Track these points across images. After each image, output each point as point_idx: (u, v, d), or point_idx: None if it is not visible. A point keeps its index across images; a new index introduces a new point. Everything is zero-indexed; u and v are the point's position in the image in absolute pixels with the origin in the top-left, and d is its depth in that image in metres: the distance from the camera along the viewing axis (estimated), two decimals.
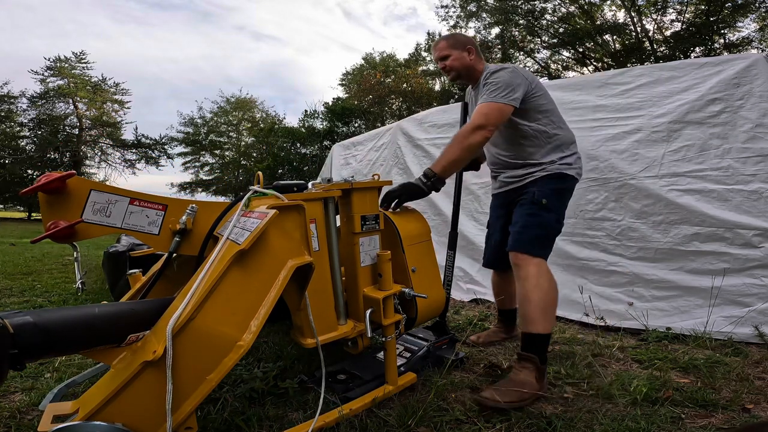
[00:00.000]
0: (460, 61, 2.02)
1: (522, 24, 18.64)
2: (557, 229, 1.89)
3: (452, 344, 2.10)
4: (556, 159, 1.93)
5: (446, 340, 2.07)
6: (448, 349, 2.05)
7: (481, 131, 1.77)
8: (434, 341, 2.03)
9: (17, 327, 0.92)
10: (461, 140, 1.78)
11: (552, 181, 1.91)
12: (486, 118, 1.77)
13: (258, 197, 1.39)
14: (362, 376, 1.79)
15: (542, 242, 1.84)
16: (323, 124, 20.99)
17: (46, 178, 1.29)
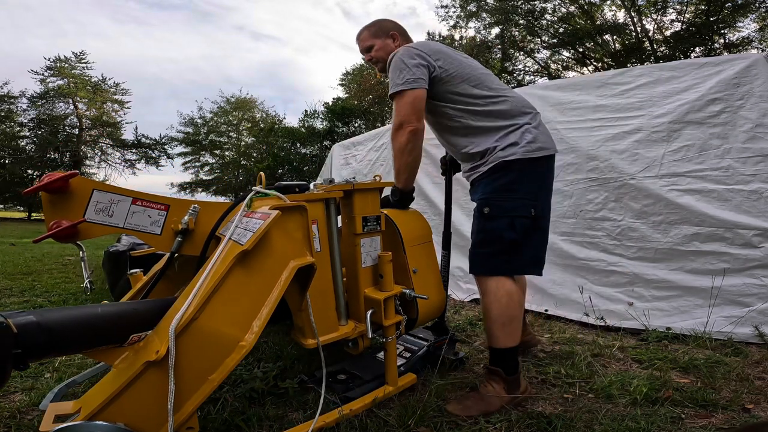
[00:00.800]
0: (384, 50, 1.84)
1: (522, 24, 18.64)
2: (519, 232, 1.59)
3: (452, 344, 2.11)
4: (493, 144, 1.63)
5: (446, 340, 2.08)
6: (448, 349, 2.06)
7: (401, 130, 1.61)
8: (434, 341, 2.03)
9: (20, 327, 0.92)
10: (393, 145, 1.66)
11: (492, 180, 1.63)
12: (398, 115, 1.61)
13: (260, 198, 1.39)
14: (362, 376, 1.79)
15: (495, 258, 1.62)
16: (323, 124, 21.00)
17: (49, 177, 1.29)
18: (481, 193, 1.65)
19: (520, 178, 1.61)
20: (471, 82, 1.67)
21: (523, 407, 1.61)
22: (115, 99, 27.01)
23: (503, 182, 1.61)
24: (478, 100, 1.66)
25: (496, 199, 1.61)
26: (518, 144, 1.61)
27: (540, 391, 1.77)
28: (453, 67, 1.67)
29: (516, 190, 1.60)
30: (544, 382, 1.86)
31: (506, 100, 1.68)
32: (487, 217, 1.61)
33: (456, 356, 2.01)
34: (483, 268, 1.64)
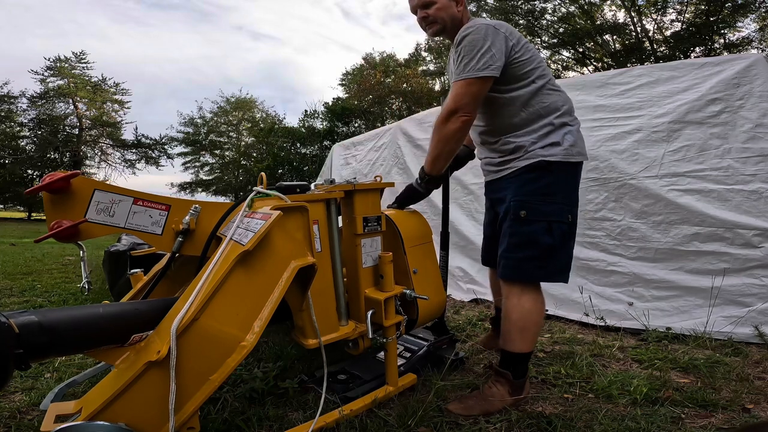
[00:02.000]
0: (446, 11, 1.66)
1: (522, 24, 18.63)
2: (556, 237, 1.54)
3: (452, 344, 2.11)
4: (537, 137, 1.56)
5: (446, 340, 2.08)
6: (448, 349, 2.06)
7: (455, 116, 1.53)
8: (434, 341, 2.03)
9: (22, 327, 0.93)
10: (437, 131, 1.58)
11: (528, 181, 1.56)
12: (457, 100, 1.52)
13: (261, 198, 1.39)
14: (362, 376, 1.80)
15: (529, 263, 1.55)
16: (323, 124, 21.00)
17: (51, 177, 1.30)
18: (516, 194, 1.57)
19: (557, 181, 1.55)
20: (537, 71, 1.59)
21: (523, 407, 1.61)
22: (115, 99, 27.01)
23: (541, 184, 1.54)
24: (535, 91, 1.58)
25: (534, 202, 1.54)
26: (560, 145, 1.55)
27: (540, 391, 1.77)
28: (527, 54, 1.57)
29: (554, 193, 1.55)
30: (544, 382, 1.86)
31: (559, 96, 1.63)
32: (524, 221, 1.54)
33: (456, 356, 2.02)
34: (515, 273, 1.57)
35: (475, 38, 1.50)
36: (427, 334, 2.14)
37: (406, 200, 1.84)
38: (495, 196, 1.75)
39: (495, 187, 1.74)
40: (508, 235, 1.59)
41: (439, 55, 23.13)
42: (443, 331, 2.13)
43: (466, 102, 1.51)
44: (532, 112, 1.58)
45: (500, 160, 1.67)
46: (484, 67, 1.49)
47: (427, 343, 2.01)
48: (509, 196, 1.60)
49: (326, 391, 1.57)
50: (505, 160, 1.64)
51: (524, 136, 1.58)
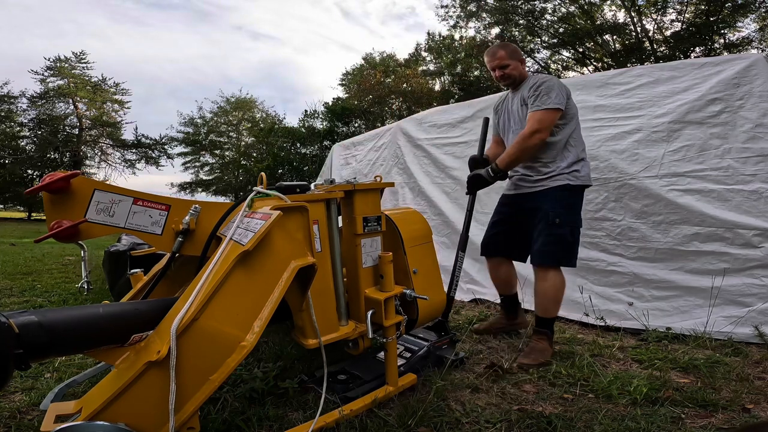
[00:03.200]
0: (517, 71, 2.30)
1: (522, 24, 18.62)
2: (575, 238, 2.18)
3: (452, 344, 2.12)
4: (566, 165, 2.16)
5: (446, 340, 2.09)
6: (449, 349, 2.06)
7: (537, 135, 2.09)
8: (434, 341, 2.04)
9: (22, 327, 0.93)
10: (521, 142, 2.12)
11: (562, 198, 2.16)
12: (540, 123, 2.09)
13: (261, 198, 1.39)
14: (363, 376, 1.80)
15: (560, 255, 2.15)
16: (323, 124, 20.99)
17: (51, 177, 1.30)
18: (551, 209, 2.14)
19: (577, 199, 2.22)
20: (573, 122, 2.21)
21: (523, 407, 1.61)
22: (115, 99, 26.97)
23: (569, 201, 2.17)
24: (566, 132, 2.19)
25: (563, 213, 2.14)
26: (580, 173, 2.18)
27: (540, 391, 1.77)
28: (574, 108, 2.23)
29: (573, 209, 2.18)
30: (545, 382, 1.86)
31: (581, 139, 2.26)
32: (558, 225, 2.13)
33: (456, 356, 2.02)
34: (553, 261, 2.15)
35: (552, 84, 2.15)
36: (428, 334, 2.14)
37: (474, 186, 2.36)
38: (528, 205, 2.27)
39: (525, 201, 2.29)
40: (544, 235, 2.15)
41: (439, 55, 23.12)
42: (445, 331, 2.14)
43: (545, 125, 2.10)
44: (567, 145, 2.19)
45: (536, 178, 2.23)
46: (559, 102, 2.10)
47: (428, 343, 2.01)
48: (546, 209, 2.16)
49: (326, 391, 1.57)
50: (540, 178, 2.21)
51: (559, 162, 2.18)
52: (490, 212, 3.64)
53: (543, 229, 2.15)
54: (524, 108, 2.23)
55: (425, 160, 4.34)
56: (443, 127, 4.20)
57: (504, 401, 1.68)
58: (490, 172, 2.25)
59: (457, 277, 2.34)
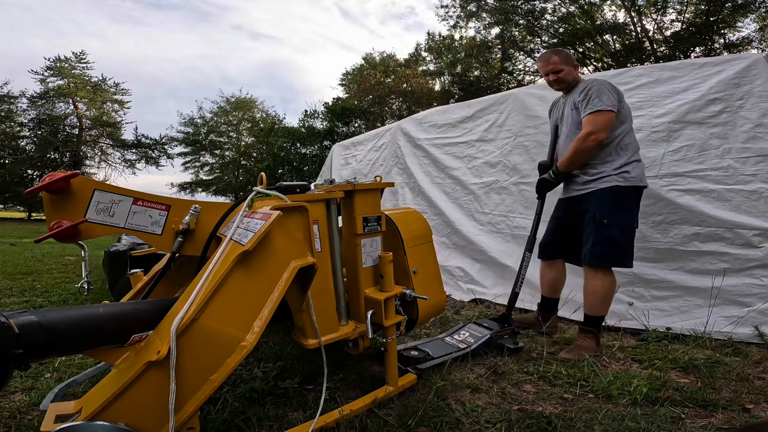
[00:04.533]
0: (571, 75, 2.37)
1: (522, 24, 18.61)
2: (627, 238, 2.19)
3: (513, 335, 2.29)
4: (616, 167, 2.18)
5: (508, 330, 2.28)
6: (509, 339, 2.24)
7: (592, 136, 2.14)
8: (497, 330, 2.23)
9: (22, 327, 0.92)
10: (576, 145, 2.20)
11: (611, 199, 2.17)
12: (594, 124, 2.14)
13: (261, 198, 1.39)
14: (432, 354, 2.03)
15: (610, 256, 2.17)
16: (323, 124, 20.98)
17: (51, 177, 1.30)
18: (598, 210, 2.18)
19: (628, 200, 2.20)
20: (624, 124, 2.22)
21: (524, 407, 1.61)
22: (115, 99, 26.96)
23: (619, 202, 2.17)
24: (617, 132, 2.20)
25: (611, 214, 2.15)
26: (633, 175, 2.18)
27: (540, 391, 1.77)
28: (625, 106, 2.25)
29: (623, 209, 2.18)
30: (544, 382, 1.86)
31: (634, 140, 2.25)
32: (606, 226, 2.15)
33: (515, 345, 2.20)
34: (602, 261, 2.17)
35: (602, 86, 2.18)
36: (492, 324, 2.33)
37: (541, 190, 2.48)
38: (578, 208, 2.31)
39: (575, 205, 2.33)
40: (593, 235, 2.19)
41: (439, 55, 23.12)
42: (507, 323, 2.35)
43: (599, 127, 2.13)
44: (618, 147, 2.20)
45: (586, 180, 2.27)
46: (610, 104, 2.13)
47: (491, 332, 2.22)
48: (594, 211, 2.19)
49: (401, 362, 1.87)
50: (588, 180, 2.25)
51: (609, 164, 2.19)
52: (490, 212, 3.69)
53: (592, 230, 2.19)
54: (575, 112, 2.27)
55: (425, 160, 4.34)
56: (443, 127, 4.20)
57: (504, 401, 1.68)
58: (551, 175, 2.38)
59: (522, 275, 2.48)
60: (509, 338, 2.25)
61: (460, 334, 2.28)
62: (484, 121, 3.79)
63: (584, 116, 2.18)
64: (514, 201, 3.46)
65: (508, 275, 3.35)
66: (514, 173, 3.47)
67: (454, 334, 2.29)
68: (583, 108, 2.20)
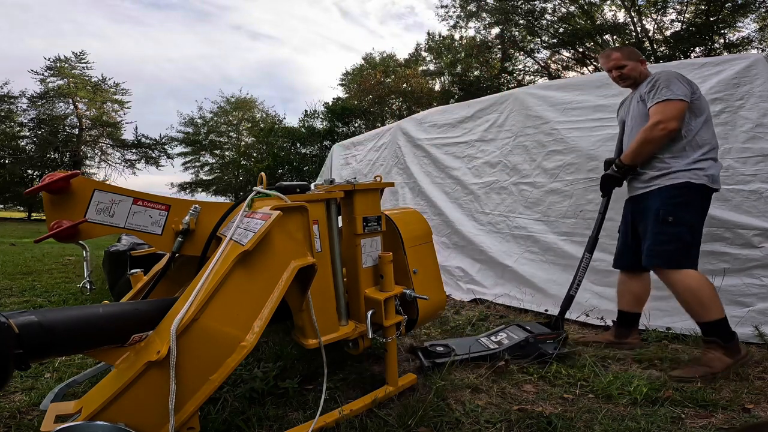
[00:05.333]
0: (636, 71, 2.23)
1: (522, 24, 18.61)
2: (694, 239, 2.00)
3: (561, 341, 2.13)
4: (688, 163, 1.99)
5: (554, 335, 2.13)
6: (551, 345, 2.09)
7: (660, 125, 1.96)
8: (537, 334, 2.12)
9: (22, 327, 0.92)
10: (642, 134, 2.03)
11: (678, 195, 1.99)
12: (662, 113, 1.97)
13: (261, 198, 1.39)
14: (457, 350, 2.04)
15: (675, 255, 1.97)
16: (323, 124, 20.98)
17: (51, 177, 1.30)
18: (663, 207, 2.00)
19: (697, 198, 2.01)
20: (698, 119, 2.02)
21: (524, 407, 1.61)
22: (115, 99, 26.95)
23: (686, 199, 1.99)
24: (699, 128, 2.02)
25: (677, 211, 1.97)
26: (708, 173, 1.99)
27: (540, 391, 1.77)
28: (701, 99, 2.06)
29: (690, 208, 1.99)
30: (544, 382, 1.86)
31: (710, 136, 2.04)
32: (671, 224, 1.97)
33: (556, 351, 2.05)
34: (661, 261, 2.00)
35: (671, 76, 2.01)
36: (536, 327, 2.23)
37: (605, 187, 2.31)
38: (641, 206, 2.13)
39: (640, 202, 2.14)
40: (654, 233, 2.01)
41: (439, 55, 23.12)
42: (557, 327, 2.21)
43: (668, 116, 1.96)
44: (692, 142, 2.01)
45: (652, 176, 2.08)
46: (681, 93, 1.96)
47: (527, 335, 2.11)
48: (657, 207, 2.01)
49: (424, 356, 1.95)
50: (654, 177, 2.06)
51: (680, 160, 2.01)
52: (489, 212, 3.69)
53: (653, 227, 2.01)
54: (641, 104, 2.12)
55: (425, 160, 4.34)
56: (443, 127, 4.20)
57: (504, 401, 1.68)
58: (614, 168, 2.20)
59: (580, 276, 2.32)
60: (551, 344, 2.10)
61: (498, 335, 2.21)
62: (484, 121, 3.79)
63: (651, 106, 2.02)
64: (514, 201, 3.46)
65: (508, 275, 3.35)
66: (514, 173, 3.47)
67: (492, 335, 2.23)
68: (650, 99, 2.04)
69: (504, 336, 2.17)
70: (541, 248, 3.20)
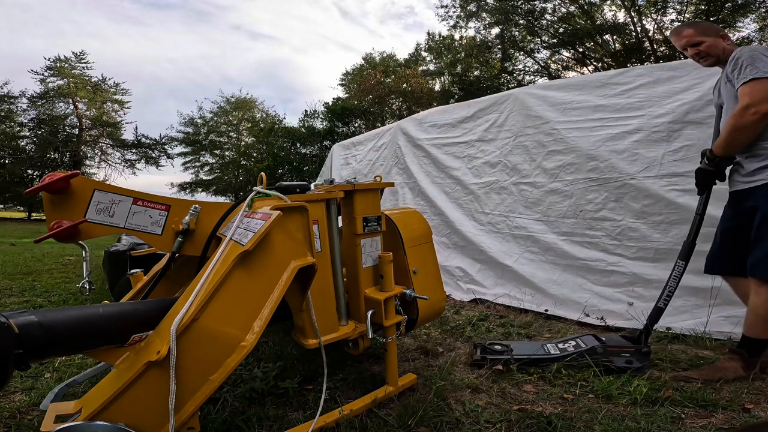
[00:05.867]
0: (716, 47, 2.00)
1: (522, 24, 18.62)
2: None
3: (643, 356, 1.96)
4: None
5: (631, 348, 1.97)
6: (621, 358, 1.95)
7: (752, 109, 1.73)
8: (607, 345, 1.98)
9: (22, 327, 0.93)
10: (733, 121, 1.80)
11: None
12: (751, 96, 1.74)
13: (261, 198, 1.39)
14: (514, 352, 2.03)
15: None
16: (323, 124, 20.99)
17: (50, 177, 1.30)
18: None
19: None
20: None
21: (524, 407, 1.61)
22: (115, 99, 26.95)
23: None
24: None
25: None
26: None
27: (540, 391, 1.77)
28: None
29: None
30: (544, 382, 1.86)
31: None
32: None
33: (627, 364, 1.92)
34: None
35: (755, 52, 1.78)
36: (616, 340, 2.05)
37: (700, 182, 2.03)
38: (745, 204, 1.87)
39: (743, 198, 1.89)
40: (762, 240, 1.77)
41: (439, 55, 23.13)
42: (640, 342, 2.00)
43: (758, 98, 1.71)
44: None
45: (752, 169, 1.84)
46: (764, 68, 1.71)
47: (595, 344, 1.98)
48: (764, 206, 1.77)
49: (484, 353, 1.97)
50: (756, 170, 1.82)
51: None
52: (489, 212, 3.69)
53: (761, 234, 1.78)
54: (729, 85, 1.89)
55: (425, 160, 4.34)
56: (443, 127, 4.20)
57: (504, 401, 1.68)
58: (705, 161, 1.97)
59: (671, 287, 2.00)
60: (623, 357, 1.95)
61: (566, 343, 2.09)
62: (484, 121, 3.80)
63: (738, 87, 1.79)
64: (514, 201, 3.46)
65: (508, 275, 3.35)
66: (514, 173, 3.47)
67: (560, 342, 2.11)
68: (736, 78, 1.81)
69: (572, 344, 2.06)
70: (541, 248, 3.20)
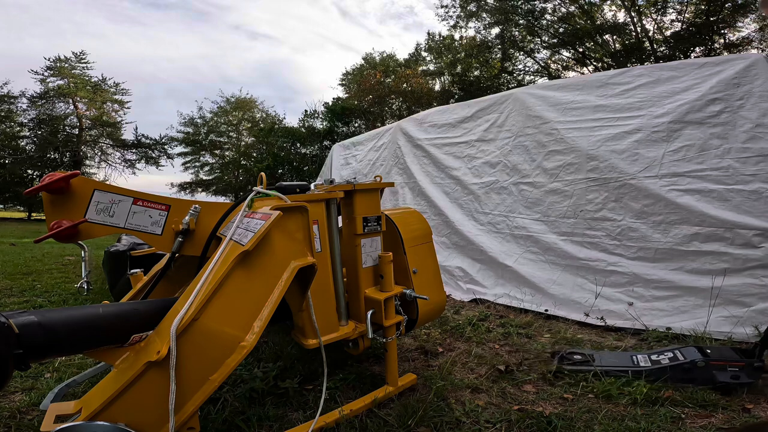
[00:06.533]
0: None
1: (522, 24, 18.62)
2: None
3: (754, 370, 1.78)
4: None
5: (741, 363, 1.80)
6: (728, 373, 1.78)
7: None
8: (708, 359, 1.81)
9: (22, 327, 0.92)
10: None
11: None
12: None
13: (261, 198, 1.39)
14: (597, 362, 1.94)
15: None
16: (323, 124, 20.98)
17: (50, 177, 1.30)
18: None
19: None
20: None
21: (524, 408, 1.61)
22: (115, 99, 26.93)
23: None
24: None
25: None
26: None
27: (540, 391, 1.77)
28: None
29: None
30: (544, 382, 1.86)
31: None
32: None
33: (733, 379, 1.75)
34: None
35: None
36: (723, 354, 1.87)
37: None
38: None
39: None
40: None
41: (439, 55, 23.12)
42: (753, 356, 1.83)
43: None
44: None
45: None
46: None
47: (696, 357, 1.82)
48: None
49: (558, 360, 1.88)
50: None
51: None
52: (489, 212, 3.69)
53: None
54: None
55: (425, 160, 4.34)
56: (443, 127, 4.20)
57: (504, 401, 1.68)
58: None
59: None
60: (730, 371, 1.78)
61: (662, 354, 1.93)
62: (484, 121, 3.80)
63: None
64: (514, 201, 3.46)
65: (508, 275, 3.35)
66: (514, 173, 3.47)
67: (655, 353, 1.95)
68: None
69: (669, 355, 1.89)
70: (541, 248, 3.20)
